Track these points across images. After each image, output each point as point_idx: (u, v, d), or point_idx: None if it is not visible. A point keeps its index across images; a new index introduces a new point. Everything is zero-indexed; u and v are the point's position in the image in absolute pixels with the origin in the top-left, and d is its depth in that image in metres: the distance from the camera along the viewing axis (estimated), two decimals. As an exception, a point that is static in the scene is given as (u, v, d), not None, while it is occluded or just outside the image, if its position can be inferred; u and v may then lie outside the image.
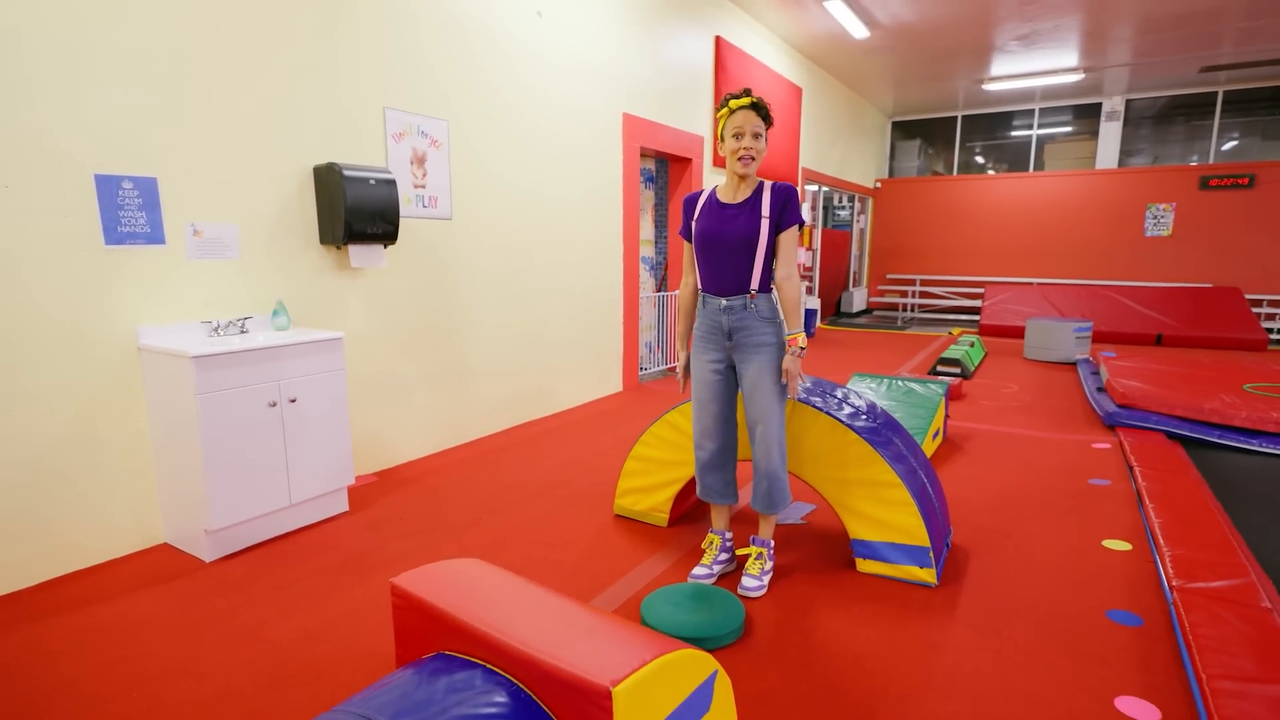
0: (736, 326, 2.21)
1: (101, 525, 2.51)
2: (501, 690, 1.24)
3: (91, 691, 1.78)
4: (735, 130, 2.15)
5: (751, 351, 2.20)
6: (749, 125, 2.14)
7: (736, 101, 2.16)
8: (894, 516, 2.35)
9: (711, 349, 2.28)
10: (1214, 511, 2.88)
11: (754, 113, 2.14)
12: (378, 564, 2.51)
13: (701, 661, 1.36)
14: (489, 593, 1.48)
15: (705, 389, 2.31)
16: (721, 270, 2.20)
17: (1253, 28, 7.19)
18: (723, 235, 2.17)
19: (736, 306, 2.20)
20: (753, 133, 2.14)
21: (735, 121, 2.15)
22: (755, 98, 2.16)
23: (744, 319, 2.19)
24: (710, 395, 2.30)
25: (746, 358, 2.22)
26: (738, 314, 2.20)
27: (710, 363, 2.29)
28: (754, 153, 2.15)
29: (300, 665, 1.89)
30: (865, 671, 1.89)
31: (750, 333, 2.20)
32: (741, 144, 2.14)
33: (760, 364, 2.20)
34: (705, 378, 2.30)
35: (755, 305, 2.19)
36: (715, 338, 2.26)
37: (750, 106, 2.15)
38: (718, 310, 2.23)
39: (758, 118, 2.15)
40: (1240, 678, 1.75)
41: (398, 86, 3.42)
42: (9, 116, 2.19)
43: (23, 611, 2.17)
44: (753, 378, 2.21)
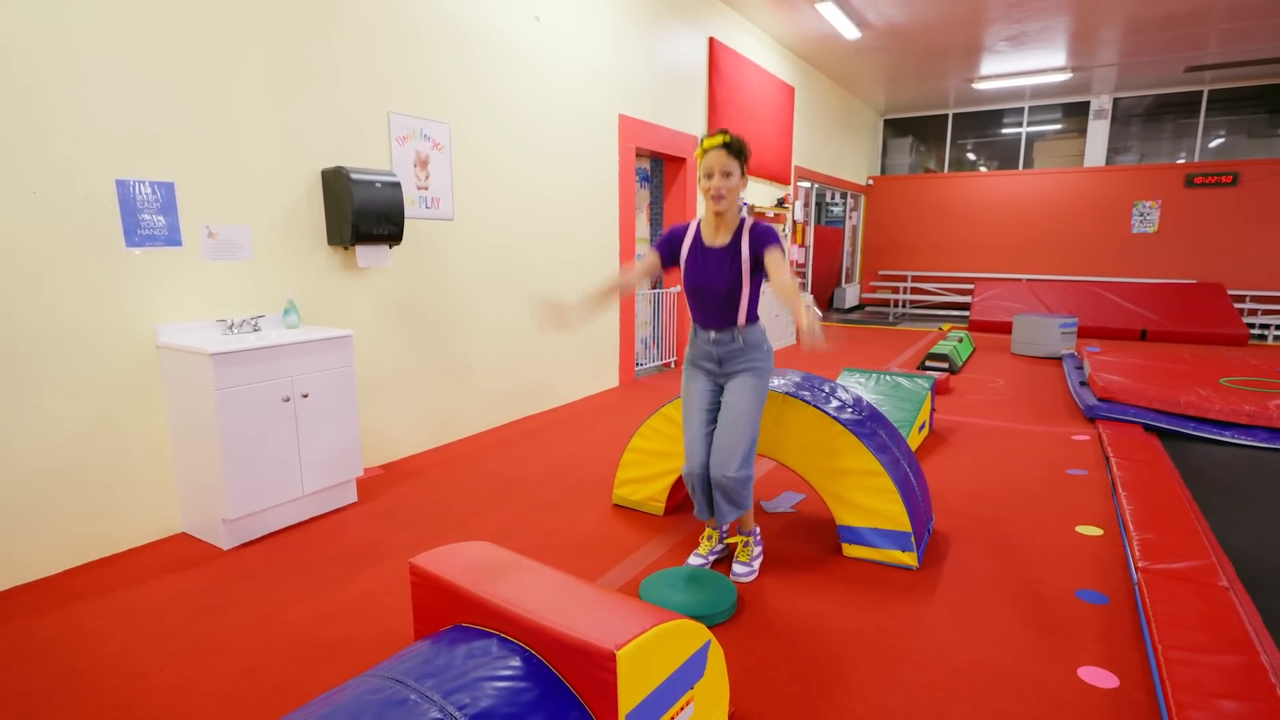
0: (726, 355, 2.32)
1: (123, 515, 2.63)
2: (516, 656, 1.37)
3: (131, 666, 1.90)
4: (706, 170, 2.22)
5: (740, 371, 2.32)
6: (718, 165, 2.19)
7: (709, 141, 2.22)
8: (878, 504, 2.49)
9: (701, 373, 2.40)
10: (1183, 499, 3.03)
11: (724, 152, 2.20)
12: (387, 551, 2.64)
13: (697, 631, 1.50)
14: (501, 570, 1.61)
15: (694, 401, 2.39)
16: (710, 311, 2.30)
17: (1236, 29, 7.35)
18: (709, 285, 2.26)
19: (725, 339, 2.31)
20: (722, 171, 2.19)
21: (706, 162, 2.22)
22: (728, 137, 2.22)
23: (732, 349, 2.31)
24: (698, 406, 2.38)
25: (734, 374, 2.32)
26: (726, 345, 2.31)
27: (699, 375, 2.40)
28: (723, 191, 2.20)
29: (320, 643, 2.02)
30: (849, 647, 2.03)
31: (739, 359, 2.31)
32: (711, 183, 2.21)
33: (745, 382, 2.30)
34: (695, 390, 2.39)
35: (743, 336, 2.30)
36: (707, 365, 2.38)
37: (721, 146, 2.20)
38: (708, 342, 2.34)
39: (728, 156, 2.20)
40: (1194, 649, 1.89)
41: (401, 91, 3.53)
42: (37, 126, 2.30)
43: (55, 595, 2.29)
44: (733, 391, 2.30)
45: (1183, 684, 1.75)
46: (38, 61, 2.29)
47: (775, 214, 8.17)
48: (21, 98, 2.26)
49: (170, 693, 1.80)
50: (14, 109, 2.25)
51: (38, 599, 2.27)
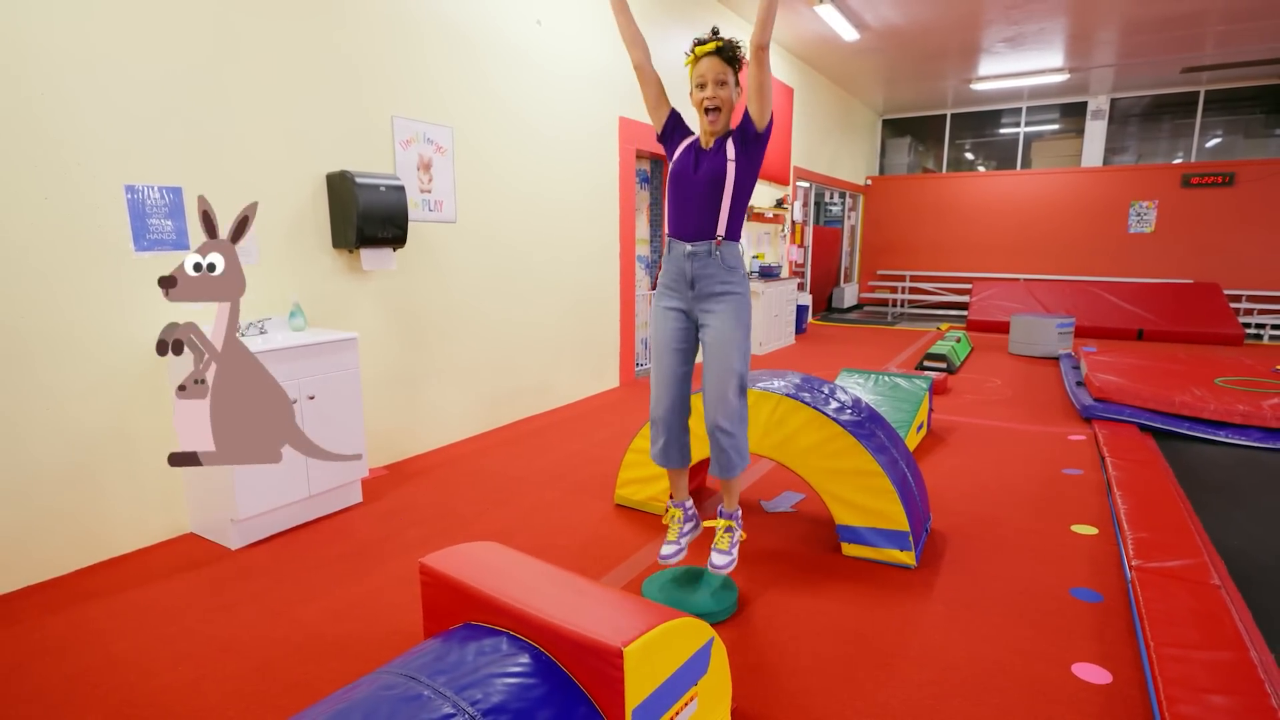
0: (700, 274, 2.10)
1: (133, 516, 2.66)
2: (525, 653, 1.41)
3: (145, 664, 1.94)
4: (698, 79, 2.05)
5: (714, 301, 2.10)
6: (711, 73, 2.02)
7: (701, 48, 2.05)
8: (877, 504, 2.53)
9: (674, 298, 2.18)
10: (1177, 498, 3.08)
11: (718, 59, 2.02)
12: (393, 551, 2.68)
13: (700, 629, 1.54)
14: (509, 570, 1.65)
15: (663, 337, 2.19)
16: (688, 213, 2.11)
17: (1232, 31, 7.40)
18: (692, 176, 2.09)
19: (701, 253, 2.09)
20: (716, 80, 2.02)
21: (698, 70, 2.05)
22: (722, 40, 2.04)
23: (708, 265, 2.09)
24: (665, 345, 2.18)
25: (709, 307, 2.11)
26: (701, 260, 2.09)
27: (671, 310, 2.18)
28: (718, 101, 2.03)
29: (330, 641, 2.06)
30: (848, 644, 2.07)
31: (713, 281, 2.10)
32: (705, 93, 2.04)
33: (723, 314, 2.09)
34: (664, 326, 2.19)
35: (720, 253, 2.09)
36: (679, 286, 2.15)
37: (715, 52, 2.02)
38: (682, 256, 2.12)
39: (721, 63, 2.02)
40: (1185, 645, 1.94)
41: (405, 95, 3.56)
42: (48, 133, 2.33)
43: (67, 595, 2.33)
44: (714, 328, 2.10)
45: (1174, 680, 1.79)
46: (50, 70, 2.32)
47: (774, 214, 8.21)
48: (34, 105, 2.29)
49: (184, 690, 1.83)
50: (26, 116, 2.28)
51: (50, 598, 2.31)
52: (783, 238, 8.76)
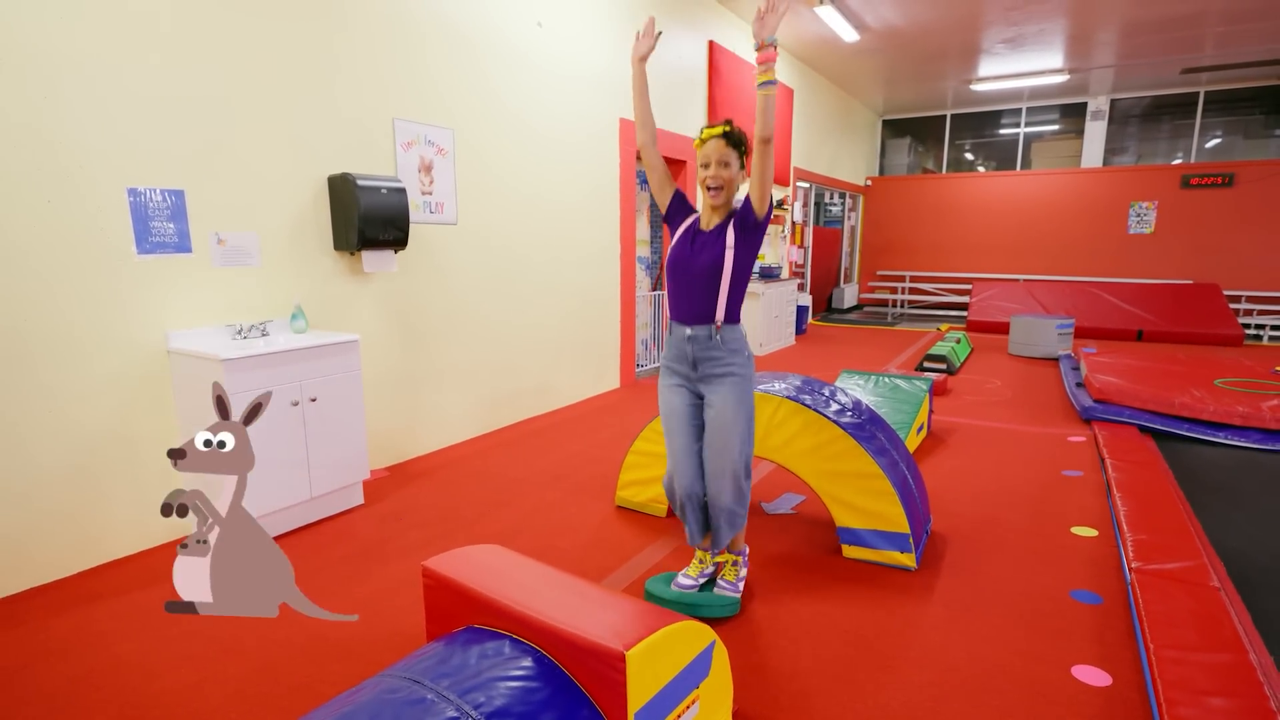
0: (701, 357, 2.15)
1: (134, 518, 2.67)
2: (527, 656, 1.42)
3: (149, 666, 1.95)
4: (704, 160, 2.14)
5: (717, 382, 2.15)
6: (715, 155, 2.12)
7: (709, 131, 2.15)
8: (877, 506, 2.54)
9: (678, 376, 2.23)
10: (1176, 500, 3.09)
11: (724, 142, 2.12)
12: (395, 553, 2.69)
13: (702, 632, 1.55)
14: (511, 573, 1.66)
15: (673, 414, 2.23)
16: (687, 299, 2.15)
17: (1231, 32, 7.40)
18: (690, 264, 2.13)
19: (701, 337, 2.14)
20: (720, 161, 2.11)
21: (705, 152, 2.14)
22: (729, 127, 2.14)
23: (709, 349, 2.14)
24: (679, 424, 2.22)
25: (712, 388, 2.16)
26: (702, 344, 2.14)
27: (677, 386, 2.23)
28: (720, 181, 2.12)
29: (333, 643, 2.07)
30: (849, 645, 2.08)
31: (715, 364, 2.14)
32: (709, 173, 2.13)
33: (725, 395, 2.13)
34: (672, 402, 2.24)
35: (720, 337, 2.13)
36: (682, 366, 2.21)
37: (721, 136, 2.13)
38: (683, 340, 2.17)
39: (726, 147, 2.12)
40: (1184, 647, 1.94)
41: (406, 98, 3.57)
42: (50, 137, 2.34)
43: (71, 597, 2.34)
44: (717, 408, 2.14)
45: (1173, 682, 1.80)
46: (52, 73, 2.33)
47: (775, 215, 8.22)
48: (36, 109, 2.30)
49: (188, 692, 1.84)
50: (29, 120, 2.29)
51: (54, 600, 2.32)
52: (783, 238, 8.77)
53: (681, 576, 2.34)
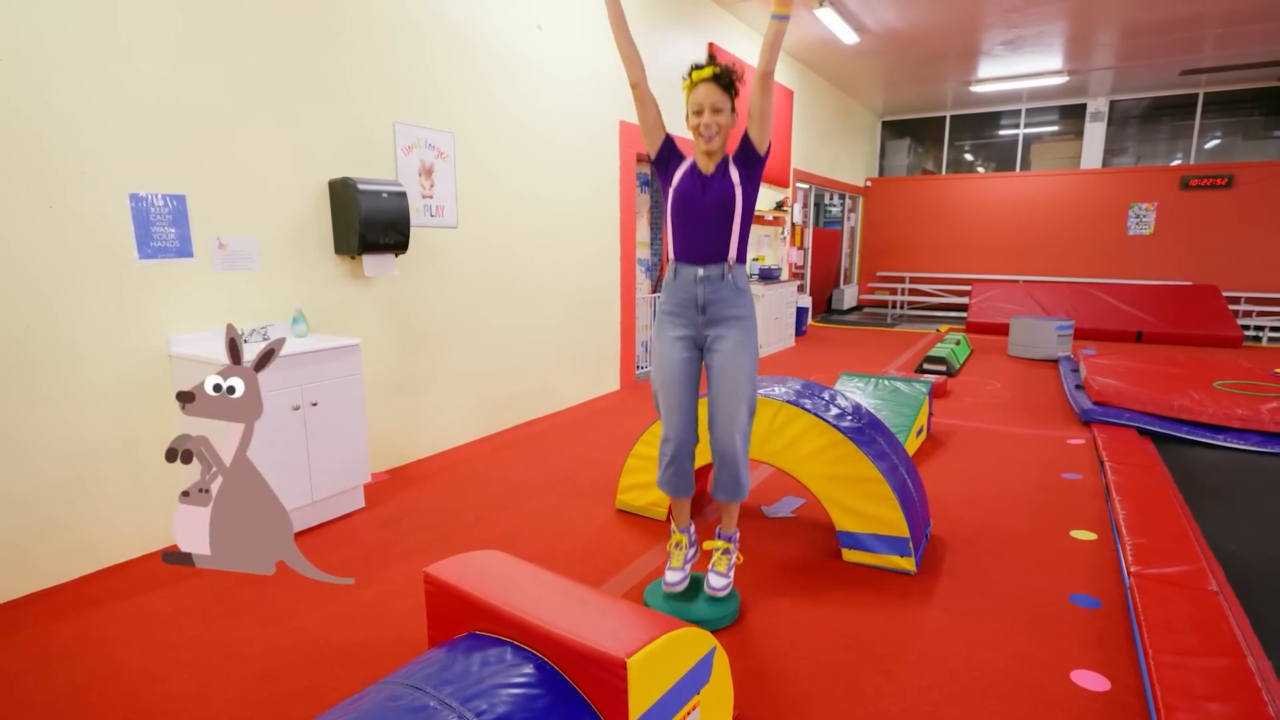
0: (712, 299, 2.09)
1: (136, 522, 2.68)
2: (529, 664, 1.42)
3: (152, 671, 1.96)
4: (695, 106, 2.05)
5: (726, 325, 2.09)
6: (708, 100, 2.02)
7: (698, 73, 2.04)
8: (877, 510, 2.54)
9: (681, 324, 2.14)
10: (1175, 503, 3.09)
11: (714, 85, 2.02)
12: (396, 556, 2.69)
13: (702, 638, 1.55)
14: (513, 579, 1.66)
15: (670, 370, 2.15)
16: (699, 237, 2.09)
17: (1230, 34, 7.42)
18: (700, 202, 2.08)
19: (714, 277, 2.08)
20: (712, 107, 2.02)
21: (695, 97, 2.04)
22: (718, 68, 2.04)
23: (720, 290, 2.08)
24: (675, 377, 2.15)
25: (721, 332, 2.10)
26: (714, 285, 2.08)
27: (678, 339, 2.15)
28: (714, 128, 2.03)
29: (335, 648, 2.08)
30: (849, 650, 2.08)
31: (726, 305, 2.09)
32: (701, 120, 2.04)
33: (735, 338, 2.08)
34: (671, 357, 2.15)
35: (732, 276, 2.08)
36: (687, 312, 2.13)
37: (711, 79, 2.02)
38: (692, 281, 2.10)
39: (718, 90, 2.02)
40: (1182, 652, 1.95)
41: (407, 101, 3.58)
42: (52, 142, 2.35)
43: (73, 602, 2.34)
44: (726, 352, 2.08)
45: (1172, 687, 1.80)
46: (53, 79, 2.33)
47: (774, 216, 8.23)
48: (37, 114, 2.31)
49: (191, 698, 1.85)
50: (30, 125, 2.29)
51: (56, 605, 2.32)
52: (782, 240, 8.77)
53: (668, 573, 2.28)
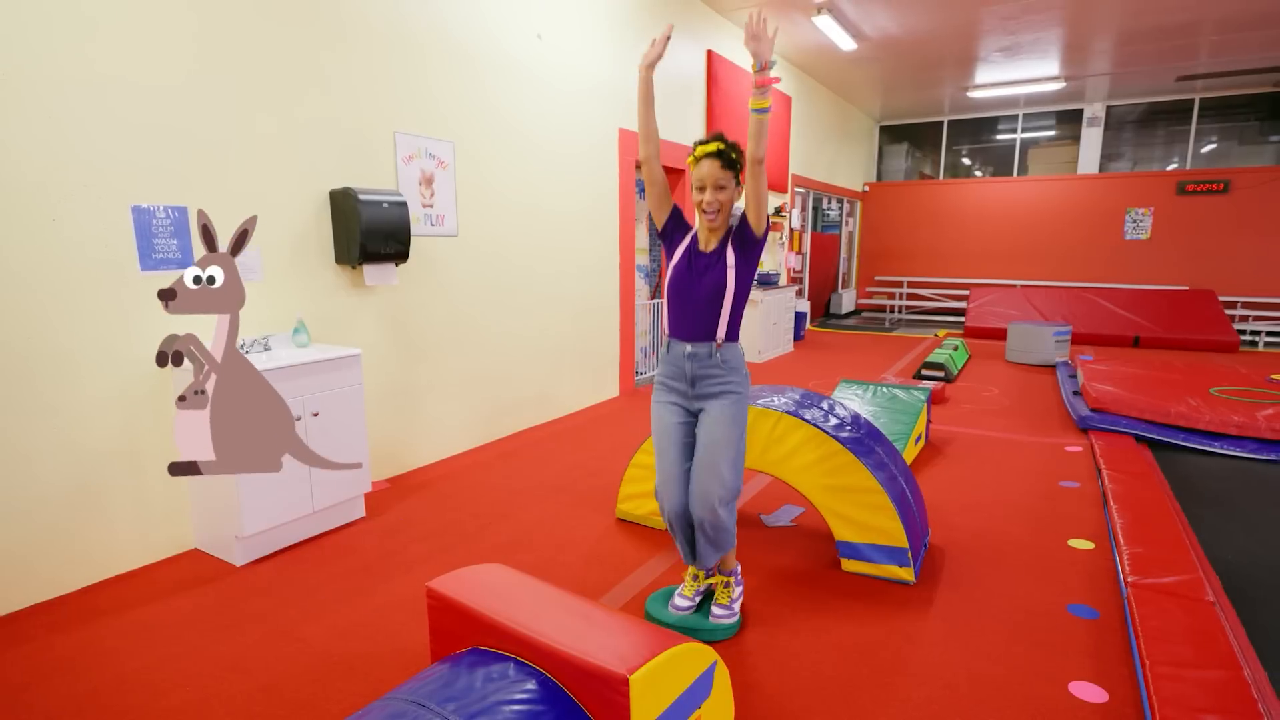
0: (699, 374, 2.14)
1: (138, 532, 2.68)
2: (532, 679, 1.44)
3: (153, 683, 1.96)
4: (698, 182, 2.09)
5: (713, 399, 2.14)
6: (711, 179, 2.07)
7: (702, 149, 2.09)
8: (875, 520, 2.56)
9: (673, 394, 2.22)
10: (1172, 512, 3.11)
11: (717, 163, 2.06)
12: (397, 567, 2.70)
13: (703, 653, 1.57)
14: (515, 594, 1.68)
15: (666, 433, 2.21)
16: (688, 318, 2.14)
17: (1225, 40, 7.46)
18: (692, 287, 2.13)
19: (701, 354, 2.13)
20: (715, 185, 2.07)
21: (698, 174, 2.08)
22: (722, 145, 2.08)
23: (708, 368, 2.13)
24: (671, 443, 2.20)
25: (708, 404, 2.15)
26: (701, 362, 2.13)
27: (671, 405, 2.22)
28: (716, 206, 2.09)
29: (336, 661, 2.08)
30: (848, 661, 2.10)
31: (713, 381, 2.14)
32: (704, 197, 2.09)
33: (721, 408, 2.13)
34: (666, 421, 2.22)
35: (720, 355, 2.12)
36: (678, 384, 2.20)
37: (715, 155, 2.07)
38: (681, 356, 2.16)
39: (720, 169, 2.06)
40: (1179, 663, 1.97)
41: (407, 111, 3.59)
42: (55, 156, 2.36)
43: (76, 613, 2.35)
44: (709, 425, 2.13)
45: (1169, 699, 1.82)
46: (57, 92, 2.34)
47: (773, 222, 8.25)
48: (42, 128, 2.32)
49: (192, 711, 1.85)
50: (34, 138, 2.31)
51: (59, 616, 2.33)
52: (780, 245, 8.80)
53: (678, 598, 2.33)
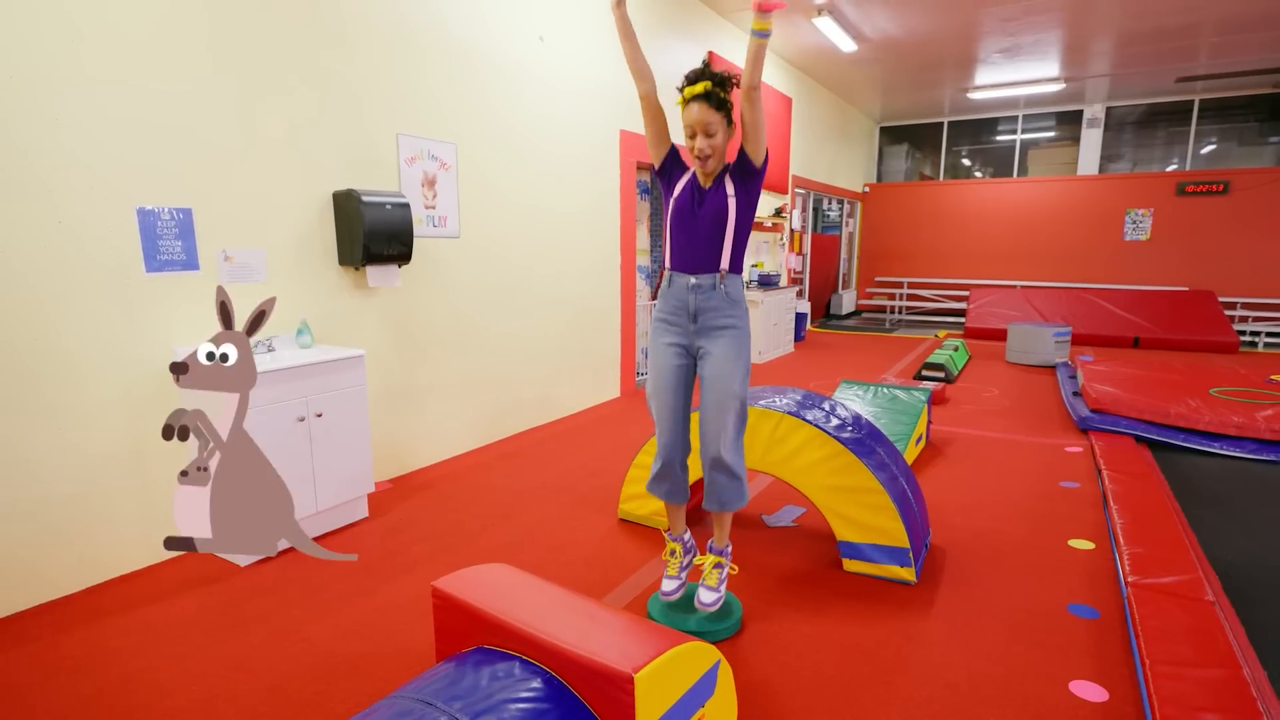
0: (703, 307, 2.11)
1: (141, 533, 2.69)
2: (538, 678, 1.45)
3: (159, 683, 1.97)
4: (688, 129, 2.03)
5: (716, 334, 2.11)
6: (700, 123, 2.00)
7: (689, 90, 2.00)
8: (877, 520, 2.57)
9: (673, 331, 2.17)
10: (1171, 512, 3.12)
11: (705, 105, 1.99)
12: (400, 567, 2.71)
13: (707, 652, 1.58)
14: (520, 593, 1.69)
15: (662, 376, 2.19)
16: (692, 248, 2.11)
17: (1225, 42, 7.48)
18: (695, 214, 2.09)
19: (705, 286, 2.10)
20: (705, 130, 2.00)
21: (687, 118, 2.02)
22: (709, 85, 1.99)
23: (711, 299, 2.10)
24: (666, 384, 2.18)
25: (712, 339, 2.12)
26: (705, 293, 2.10)
27: (670, 345, 2.18)
28: (709, 151, 2.03)
29: (341, 661, 2.09)
30: (849, 661, 2.11)
31: (717, 314, 2.10)
32: (694, 144, 2.04)
33: (725, 346, 2.10)
34: (663, 364, 2.19)
35: (724, 286, 2.10)
36: (679, 319, 2.15)
37: (702, 97, 1.99)
38: (685, 289, 2.12)
39: (710, 110, 1.99)
40: (1179, 663, 1.98)
41: (410, 113, 3.61)
42: (61, 158, 2.37)
43: (80, 613, 2.36)
44: (716, 360, 2.10)
45: (1169, 698, 1.83)
46: (63, 95, 2.36)
47: (773, 223, 8.26)
48: (47, 130, 2.33)
49: (198, 710, 1.87)
50: (40, 141, 2.32)
51: (63, 616, 2.34)
52: (781, 246, 8.81)
53: (664, 582, 2.32)
